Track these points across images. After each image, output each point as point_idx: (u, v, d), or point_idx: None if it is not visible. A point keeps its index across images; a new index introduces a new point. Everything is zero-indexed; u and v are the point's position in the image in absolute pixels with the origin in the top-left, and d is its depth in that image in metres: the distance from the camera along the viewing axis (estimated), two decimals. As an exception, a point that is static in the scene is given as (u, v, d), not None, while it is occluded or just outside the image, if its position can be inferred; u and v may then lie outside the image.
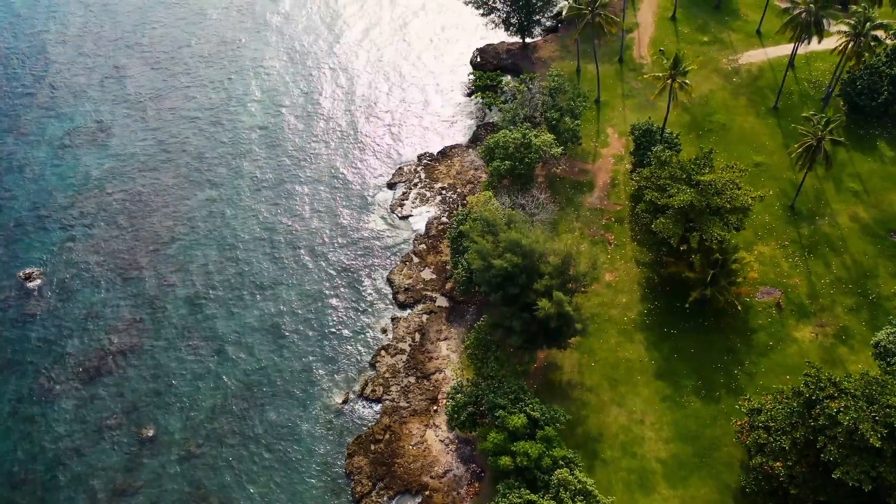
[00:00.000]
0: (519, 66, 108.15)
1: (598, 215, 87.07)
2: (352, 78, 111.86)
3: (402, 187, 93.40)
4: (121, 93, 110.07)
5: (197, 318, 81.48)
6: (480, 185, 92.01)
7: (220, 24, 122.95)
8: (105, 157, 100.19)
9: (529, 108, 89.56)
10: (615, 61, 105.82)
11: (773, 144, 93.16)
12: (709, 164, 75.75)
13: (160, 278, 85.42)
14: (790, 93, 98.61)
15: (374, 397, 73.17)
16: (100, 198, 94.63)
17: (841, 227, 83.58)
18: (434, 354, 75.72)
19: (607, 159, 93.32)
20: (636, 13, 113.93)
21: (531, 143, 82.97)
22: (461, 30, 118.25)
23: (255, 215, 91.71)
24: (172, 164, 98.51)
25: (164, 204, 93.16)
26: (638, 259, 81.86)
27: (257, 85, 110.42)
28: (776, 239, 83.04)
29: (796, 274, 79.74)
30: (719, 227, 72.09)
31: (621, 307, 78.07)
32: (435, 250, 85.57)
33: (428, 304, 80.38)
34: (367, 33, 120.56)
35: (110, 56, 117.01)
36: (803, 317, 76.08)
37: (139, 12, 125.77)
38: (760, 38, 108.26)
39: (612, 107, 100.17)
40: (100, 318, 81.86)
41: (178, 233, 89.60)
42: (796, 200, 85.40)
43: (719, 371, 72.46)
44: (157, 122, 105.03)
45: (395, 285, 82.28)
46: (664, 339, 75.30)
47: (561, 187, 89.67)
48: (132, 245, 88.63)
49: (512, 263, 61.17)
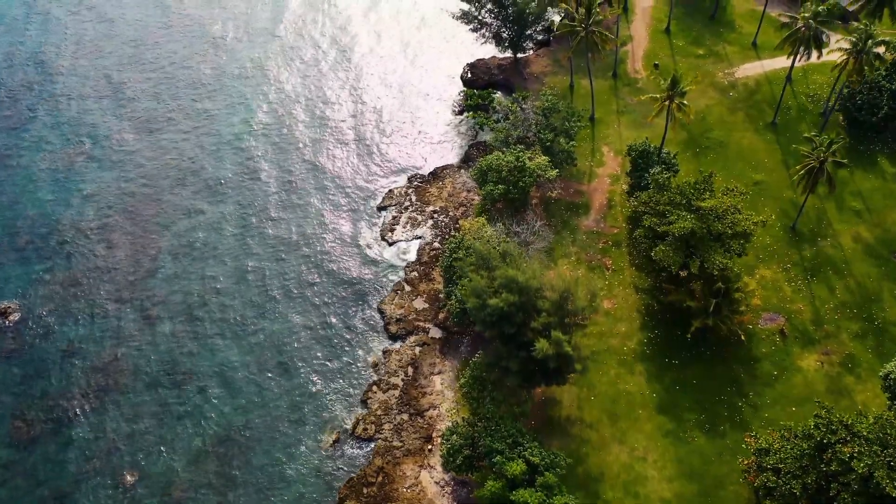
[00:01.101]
0: (511, 82, 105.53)
1: (595, 239, 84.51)
2: (338, 98, 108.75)
3: (392, 211, 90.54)
4: (103, 115, 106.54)
5: (179, 353, 78.33)
6: (473, 208, 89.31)
7: (205, 46, 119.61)
8: (85, 182, 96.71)
9: (522, 128, 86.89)
10: (609, 76, 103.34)
11: (772, 162, 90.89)
12: (709, 188, 73.34)
13: (141, 312, 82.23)
14: (788, 107, 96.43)
15: (365, 436, 70.33)
16: (79, 225, 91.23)
17: (844, 249, 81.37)
18: (428, 389, 72.96)
19: (603, 179, 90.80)
20: (629, 26, 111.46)
21: (525, 167, 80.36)
22: (451, 44, 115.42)
23: (239, 244, 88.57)
24: (154, 190, 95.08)
25: (145, 232, 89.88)
26: (637, 285, 79.33)
27: (243, 110, 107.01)
28: (778, 262, 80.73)
29: (799, 299, 77.44)
30: (721, 253, 69.75)
31: (620, 336, 75.53)
32: (427, 278, 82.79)
33: (421, 335, 77.58)
34: (354, 51, 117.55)
35: (94, 75, 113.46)
36: (808, 344, 73.79)
37: (116, 28, 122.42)
38: (756, 50, 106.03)
39: (607, 124, 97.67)
40: (79, 355, 78.59)
41: (159, 263, 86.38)
42: (798, 221, 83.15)
43: (723, 403, 70.03)
44: (138, 147, 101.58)
45: (387, 315, 79.44)
46: (665, 370, 72.83)
47: (556, 209, 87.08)
48: (113, 277, 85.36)
49: (508, 302, 58.49)
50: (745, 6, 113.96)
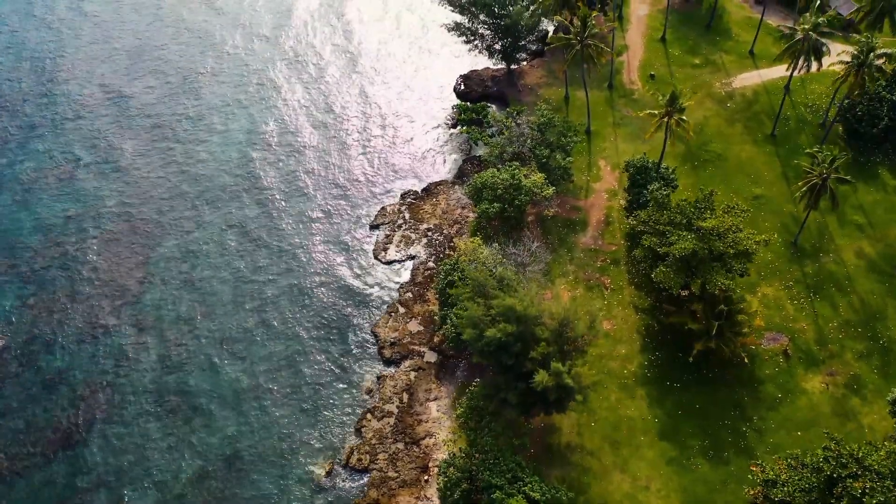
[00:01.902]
0: (505, 94, 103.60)
1: (593, 257, 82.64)
2: (329, 111, 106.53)
3: (385, 229, 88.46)
4: (89, 130, 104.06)
5: (167, 380, 76.08)
6: (468, 226, 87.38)
7: (194, 61, 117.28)
8: (70, 201, 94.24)
9: (517, 144, 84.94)
10: (604, 87, 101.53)
11: (772, 175, 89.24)
12: (709, 206, 71.60)
13: (129, 337, 79.92)
14: (787, 118, 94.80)
15: (360, 467, 68.26)
16: (64, 247, 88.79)
17: (846, 265, 79.76)
18: (423, 417, 70.95)
19: (600, 195, 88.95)
20: (625, 35, 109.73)
21: (521, 185, 78.44)
22: (443, 56, 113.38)
23: (229, 264, 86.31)
24: (142, 209, 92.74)
25: (132, 253, 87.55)
26: (636, 305, 77.48)
27: (233, 123, 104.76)
28: (780, 279, 79.05)
29: (802, 317, 75.78)
30: (723, 274, 68.02)
31: (620, 359, 73.69)
32: (422, 299, 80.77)
33: (416, 359, 75.58)
34: (346, 63, 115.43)
35: (78, 89, 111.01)
36: (812, 365, 72.11)
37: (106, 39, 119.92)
38: (754, 59, 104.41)
39: (604, 137, 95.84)
40: (65, 383, 76.24)
41: (147, 286, 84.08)
42: (799, 237, 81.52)
43: (726, 428, 68.25)
44: (126, 163, 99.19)
45: (381, 339, 77.40)
46: (667, 394, 71.03)
47: (553, 226, 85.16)
48: (99, 301, 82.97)
49: (505, 333, 56.54)
50: (742, 13, 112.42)
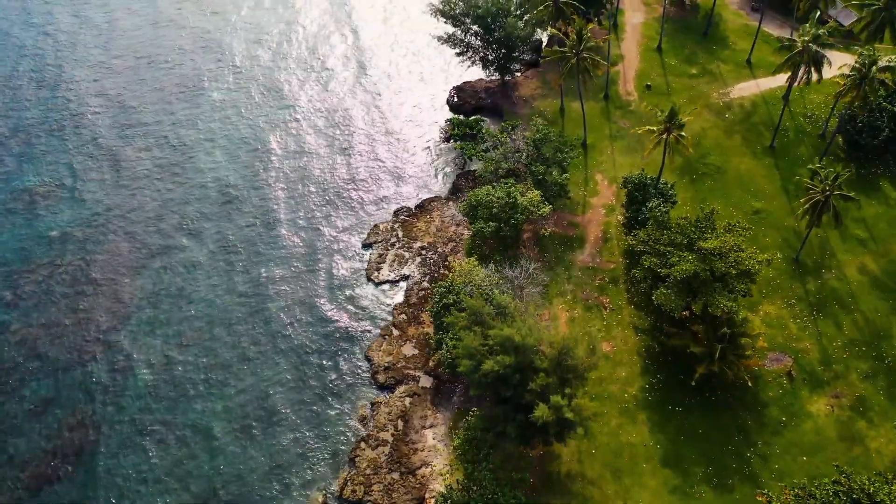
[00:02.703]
0: (499, 106, 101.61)
1: (591, 275, 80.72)
2: (318, 127, 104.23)
3: (378, 248, 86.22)
4: (75, 146, 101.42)
5: (154, 409, 73.65)
6: (462, 244, 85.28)
7: (187, 75, 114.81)
8: (51, 223, 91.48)
9: (512, 160, 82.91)
10: (600, 98, 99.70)
11: (772, 188, 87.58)
12: (711, 225, 69.80)
13: (113, 365, 77.36)
14: (786, 129, 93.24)
15: (354, 498, 66.02)
16: (44, 272, 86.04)
17: (849, 281, 78.14)
18: (419, 445, 68.83)
19: (597, 210, 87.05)
20: (620, 44, 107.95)
21: (517, 203, 76.44)
22: (436, 67, 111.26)
23: (216, 287, 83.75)
24: (129, 228, 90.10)
25: (116, 277, 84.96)
26: (636, 325, 75.69)
27: (221, 140, 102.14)
28: (782, 296, 77.34)
29: (806, 336, 74.10)
30: (725, 296, 66.24)
31: (621, 382, 71.79)
32: (416, 321, 78.63)
33: (411, 384, 73.43)
34: (334, 77, 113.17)
35: (64, 103, 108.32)
36: (817, 387, 70.42)
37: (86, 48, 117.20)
38: (751, 67, 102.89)
39: (600, 150, 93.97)
40: (49, 414, 73.63)
41: (132, 311, 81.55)
42: (800, 252, 79.87)
43: (730, 454, 66.44)
44: (112, 179, 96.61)
45: (374, 363, 75.22)
46: (669, 418, 69.17)
47: (549, 244, 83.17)
48: (84, 326, 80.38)
49: (503, 365, 54.50)
50: (738, 21, 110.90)
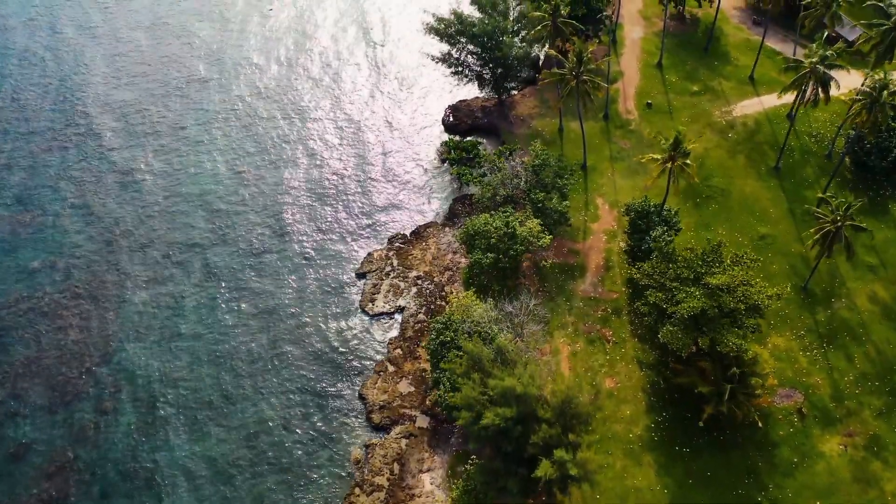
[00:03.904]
0: (496, 126, 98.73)
1: (593, 306, 77.94)
2: (308, 149, 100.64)
3: (373, 277, 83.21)
4: (57, 169, 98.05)
5: (138, 452, 70.56)
6: (460, 273, 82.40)
7: (177, 93, 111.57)
8: (35, 251, 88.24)
9: (510, 186, 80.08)
10: (600, 117, 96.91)
11: (778, 212, 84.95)
12: (718, 258, 67.06)
13: (97, 402, 74.30)
14: (791, 149, 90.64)
15: (348, 549, 63.22)
16: (29, 304, 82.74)
17: (860, 311, 75.56)
18: (416, 490, 65.95)
19: (598, 236, 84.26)
20: (619, 60, 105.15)
21: (516, 233, 73.60)
22: (431, 86, 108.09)
23: (203, 321, 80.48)
24: (111, 259, 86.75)
25: (99, 309, 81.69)
26: (640, 360, 72.96)
27: (208, 163, 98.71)
28: (791, 328, 74.70)
29: (816, 371, 71.48)
30: (734, 333, 63.53)
31: (625, 421, 69.02)
32: (412, 355, 75.74)
33: (407, 424, 70.52)
34: (324, 96, 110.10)
35: (48, 127, 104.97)
36: (829, 424, 67.80)
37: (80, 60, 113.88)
38: (754, 84, 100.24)
39: (601, 172, 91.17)
40: (27, 459, 70.49)
41: (115, 346, 78.39)
42: (809, 280, 77.25)
43: (741, 498, 63.77)
44: (95, 206, 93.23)
45: (369, 402, 72.28)
46: (676, 460, 66.45)
47: (550, 273, 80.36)
48: (64, 365, 77.18)
49: (504, 418, 51.67)
50: (740, 35, 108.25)
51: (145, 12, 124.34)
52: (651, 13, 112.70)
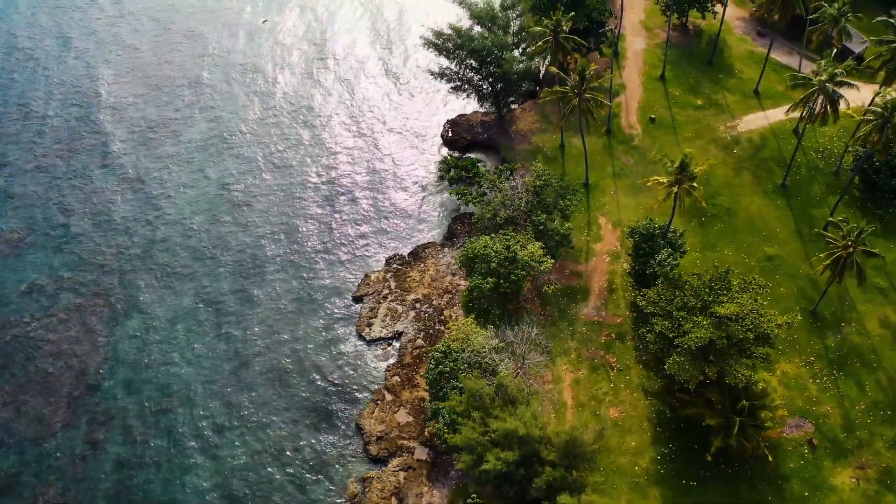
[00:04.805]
0: (496, 141, 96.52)
1: (596, 330, 75.82)
2: (303, 167, 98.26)
3: (370, 301, 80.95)
4: (43, 191, 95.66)
5: (129, 484, 68.32)
6: (459, 296, 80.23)
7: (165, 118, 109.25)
8: (24, 272, 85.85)
9: (511, 208, 77.92)
10: (602, 133, 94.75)
11: (786, 232, 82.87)
12: (726, 286, 64.97)
13: (87, 433, 72.01)
14: (797, 165, 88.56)
15: (345, 589, 61.08)
16: (11, 329, 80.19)
17: (871, 336, 73.53)
18: (415, 527, 63.84)
19: (601, 257, 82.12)
20: (621, 72, 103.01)
21: (517, 257, 71.44)
22: (429, 100, 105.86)
23: (193, 348, 78.09)
24: (99, 282, 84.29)
25: (89, 336, 79.25)
26: (646, 388, 70.86)
27: (201, 182, 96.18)
28: (800, 354, 72.65)
29: (827, 399, 69.45)
30: (743, 363, 61.50)
31: (631, 453, 66.90)
32: (410, 383, 73.57)
33: (405, 456, 68.35)
34: (322, 110, 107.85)
35: (32, 145, 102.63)
36: (840, 456, 65.77)
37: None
38: (759, 98, 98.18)
39: (603, 190, 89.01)
40: (14, 493, 68.22)
41: (105, 374, 76.08)
42: (818, 304, 75.18)
43: (751, 535, 61.87)
44: (86, 226, 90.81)
45: (366, 433, 70.09)
46: (684, 495, 64.36)
47: (551, 296, 78.22)
48: (53, 390, 74.92)
49: (506, 462, 49.57)
50: (744, 47, 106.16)
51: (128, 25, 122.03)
52: (653, 23, 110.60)
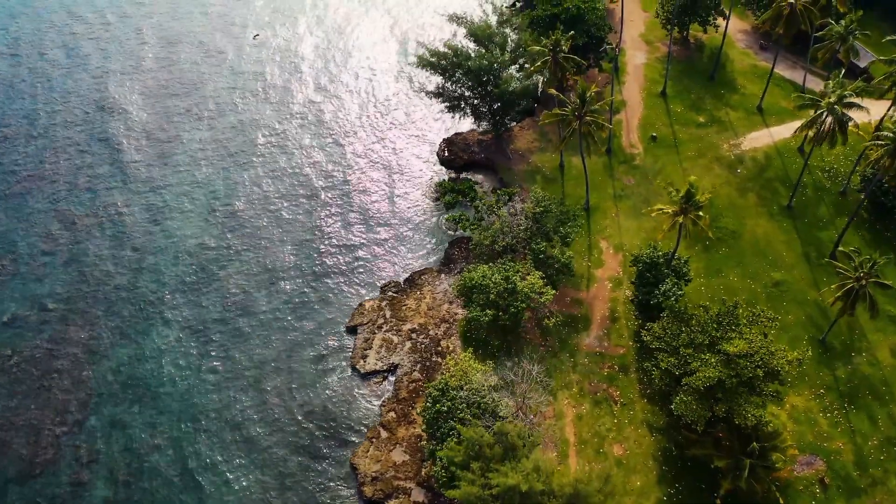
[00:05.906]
0: (493, 161, 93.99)
1: (598, 362, 73.30)
2: (295, 187, 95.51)
3: (364, 331, 78.26)
4: (26, 216, 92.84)
5: (115, 531, 65.77)
6: (457, 325, 77.63)
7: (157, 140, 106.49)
8: (4, 302, 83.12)
9: (510, 236, 75.36)
10: (603, 152, 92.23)
11: (792, 256, 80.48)
12: (735, 321, 62.47)
13: (70, 473, 69.18)
14: (804, 185, 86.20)
15: None
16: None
17: (882, 366, 71.14)
18: (412, 575, 61.25)
19: (603, 284, 79.60)
20: (622, 88, 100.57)
21: (516, 288, 68.89)
22: (426, 117, 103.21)
23: (182, 381, 75.19)
24: (86, 311, 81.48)
25: (73, 369, 76.50)
26: (650, 423, 68.36)
27: (189, 203, 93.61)
28: (810, 386, 70.21)
29: (838, 434, 67.01)
30: (753, 402, 59.00)
31: (636, 494, 64.37)
32: (407, 419, 70.95)
33: (402, 498, 65.76)
34: (312, 129, 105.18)
35: (23, 163, 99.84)
36: (853, 496, 63.32)
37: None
38: (762, 115, 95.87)
39: (604, 212, 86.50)
40: (-7, 538, 65.71)
41: (91, 409, 73.35)
42: (828, 334, 72.77)
43: (762, 582, 59.38)
44: (69, 250, 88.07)
45: (361, 473, 67.45)
46: (691, 538, 62.00)
47: (552, 326, 75.61)
48: (35, 428, 72.13)
49: (508, 522, 47.14)
50: (746, 61, 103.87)
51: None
52: (654, 37, 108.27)
